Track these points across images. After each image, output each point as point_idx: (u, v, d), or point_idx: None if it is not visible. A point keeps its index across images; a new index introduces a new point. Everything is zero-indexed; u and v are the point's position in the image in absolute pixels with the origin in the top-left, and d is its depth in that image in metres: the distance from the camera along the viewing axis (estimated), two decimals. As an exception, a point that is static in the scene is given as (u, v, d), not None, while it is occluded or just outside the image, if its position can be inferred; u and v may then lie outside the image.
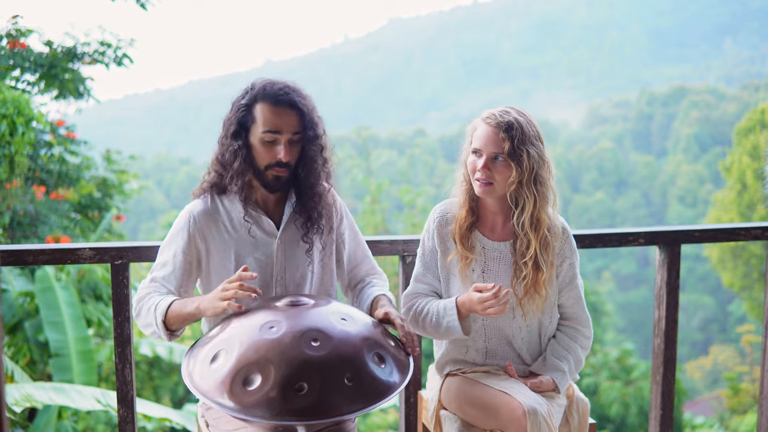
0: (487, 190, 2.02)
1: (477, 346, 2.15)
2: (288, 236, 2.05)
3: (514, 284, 2.09)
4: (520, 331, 2.12)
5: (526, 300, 2.08)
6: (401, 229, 10.89)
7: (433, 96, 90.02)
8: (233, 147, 1.97)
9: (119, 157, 7.57)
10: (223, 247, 2.02)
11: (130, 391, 2.40)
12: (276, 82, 1.99)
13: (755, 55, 67.71)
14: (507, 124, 1.99)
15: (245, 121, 1.97)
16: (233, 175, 1.98)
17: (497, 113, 2.02)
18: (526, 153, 1.98)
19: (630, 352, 12.12)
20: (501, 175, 2.01)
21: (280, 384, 1.56)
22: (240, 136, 1.97)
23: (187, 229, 2.02)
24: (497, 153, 1.99)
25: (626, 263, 35.75)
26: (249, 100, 1.97)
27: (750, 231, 2.87)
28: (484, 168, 2.00)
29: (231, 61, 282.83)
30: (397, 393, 1.67)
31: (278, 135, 1.95)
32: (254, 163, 1.98)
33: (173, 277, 2.02)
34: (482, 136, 2.02)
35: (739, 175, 19.12)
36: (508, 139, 1.98)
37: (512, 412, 1.90)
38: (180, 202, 37.61)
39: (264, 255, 2.03)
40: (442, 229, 2.15)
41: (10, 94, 4.75)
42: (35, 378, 5.30)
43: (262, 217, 2.03)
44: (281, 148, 1.95)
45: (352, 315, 1.79)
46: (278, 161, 1.95)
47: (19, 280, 5.48)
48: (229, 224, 2.02)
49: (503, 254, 2.11)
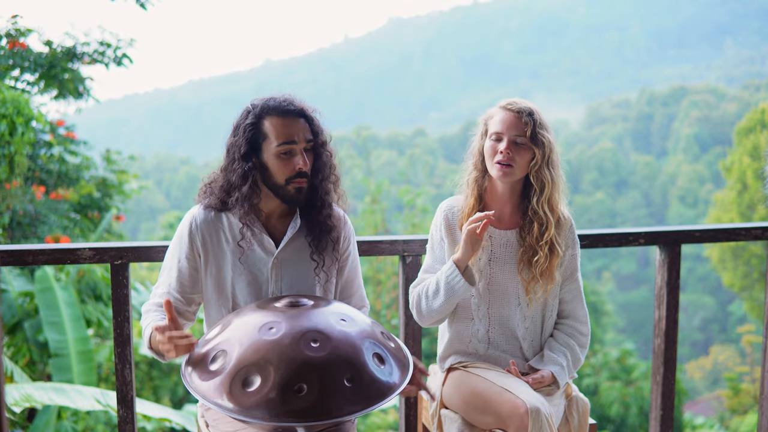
0: (507, 171, 2.07)
1: (479, 335, 2.16)
2: (286, 255, 2.03)
3: (521, 270, 2.13)
4: (525, 320, 2.16)
5: (533, 285, 2.11)
6: (401, 229, 10.89)
7: (433, 96, 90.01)
8: (243, 168, 1.92)
9: (119, 157, 7.57)
10: (222, 256, 2.01)
11: (129, 391, 2.40)
12: (275, 96, 1.97)
13: (755, 55, 67.68)
14: (528, 109, 2.08)
15: (255, 140, 1.94)
16: (240, 197, 1.94)
17: (516, 100, 2.11)
18: (546, 138, 2.08)
19: (630, 352, 12.12)
20: (521, 157, 2.07)
21: (279, 385, 1.56)
22: (250, 158, 1.93)
23: (188, 234, 2.02)
24: (519, 136, 2.06)
25: (626, 263, 35.74)
26: (255, 119, 1.94)
27: (750, 231, 2.87)
28: (506, 149, 2.06)
29: (231, 61, 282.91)
30: (396, 394, 1.67)
31: (294, 145, 1.92)
32: (272, 181, 1.94)
33: (179, 283, 2.02)
34: (503, 121, 2.09)
35: (739, 175, 19.12)
36: (530, 124, 2.06)
37: (515, 409, 1.90)
38: (180, 203, 37.62)
39: (260, 271, 2.02)
40: (450, 220, 2.19)
41: (10, 94, 4.75)
42: (35, 378, 5.30)
43: (263, 235, 2.01)
44: (299, 158, 1.93)
45: (352, 316, 1.79)
46: (298, 172, 1.93)
47: (19, 280, 5.48)
48: (230, 235, 2.01)
49: (510, 242, 2.16)
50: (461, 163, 2.24)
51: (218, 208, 2.02)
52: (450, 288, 2.06)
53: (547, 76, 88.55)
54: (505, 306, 2.14)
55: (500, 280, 2.14)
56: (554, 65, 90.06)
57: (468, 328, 2.17)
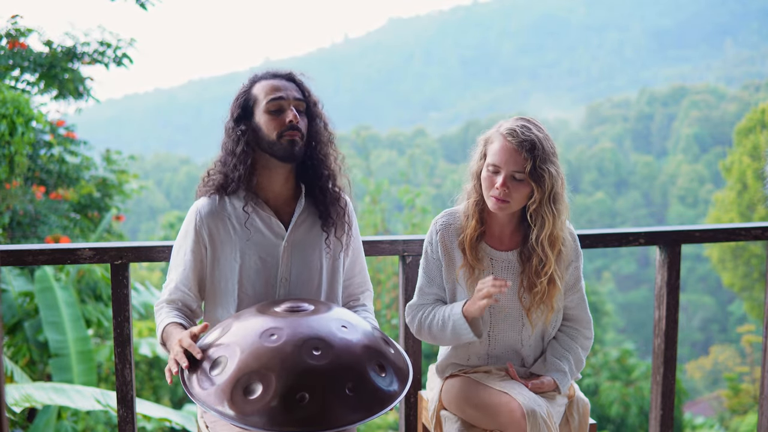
0: (502, 207, 1.98)
1: (480, 354, 2.14)
2: (296, 238, 2.03)
3: (521, 294, 2.07)
4: (529, 338, 2.12)
5: (534, 311, 2.07)
6: (401, 229, 10.88)
7: (433, 96, 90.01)
8: (237, 133, 1.97)
9: (119, 157, 7.57)
10: (230, 245, 2.00)
11: (129, 391, 2.40)
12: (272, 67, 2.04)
13: (755, 55, 67.67)
14: (530, 143, 1.93)
15: (247, 105, 1.98)
16: (237, 162, 1.96)
17: (518, 130, 1.95)
18: (547, 172, 1.94)
19: (630, 352, 12.12)
20: (518, 193, 1.96)
21: (281, 394, 1.55)
22: (242, 121, 1.98)
23: (194, 227, 2.01)
24: (518, 171, 1.94)
25: (626, 263, 35.74)
26: (248, 86, 2.01)
27: (750, 231, 2.86)
28: (502, 186, 1.94)
29: (231, 61, 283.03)
30: (397, 402, 1.67)
31: (282, 101, 1.95)
32: (266, 140, 1.96)
33: (187, 278, 2.02)
34: (501, 152, 1.96)
35: (739, 175, 19.12)
36: (530, 159, 1.92)
37: (511, 413, 1.90)
38: (180, 202, 37.60)
39: (270, 255, 2.00)
40: (446, 240, 2.11)
41: (10, 94, 4.75)
42: (35, 378, 5.30)
43: (272, 218, 2.01)
44: (288, 113, 1.95)
45: (353, 322, 1.77)
46: (289, 124, 1.94)
47: (19, 280, 5.48)
48: (237, 223, 2.00)
49: (511, 264, 2.09)
50: (461, 164, 2.20)
51: (220, 187, 2.01)
52: (456, 334, 2.03)
53: (547, 76, 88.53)
54: (508, 328, 2.11)
55: (502, 303, 2.08)
56: (554, 65, 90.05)
57: (468, 347, 2.13)
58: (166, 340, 1.92)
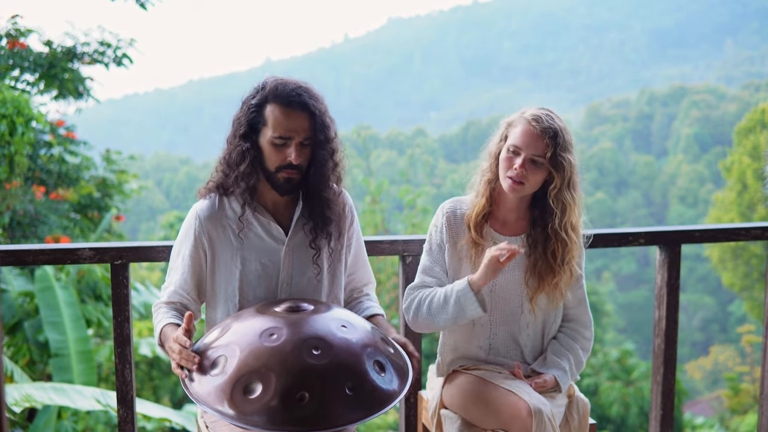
0: (517, 188, 2.03)
1: (481, 342, 2.14)
2: (296, 242, 2.02)
3: (527, 278, 2.10)
4: (527, 327, 2.13)
5: (538, 295, 2.09)
6: (401, 229, 10.87)
7: (433, 96, 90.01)
8: (241, 148, 1.93)
9: (119, 157, 7.57)
10: (229, 249, 1.99)
11: (129, 391, 2.40)
12: (288, 83, 1.93)
13: (755, 55, 67.65)
14: (553, 130, 2.00)
15: (256, 123, 1.93)
16: (238, 176, 1.94)
17: (543, 117, 2.02)
18: (566, 160, 2.01)
19: (630, 353, 12.12)
20: (535, 177, 2.02)
21: (281, 393, 1.55)
22: (249, 138, 1.94)
23: (193, 230, 2.00)
24: (538, 156, 2.00)
25: (626, 263, 35.73)
26: (260, 100, 1.93)
27: (750, 231, 2.87)
28: (521, 167, 2.00)
29: (231, 61, 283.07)
30: (396, 402, 1.67)
31: (289, 140, 1.91)
32: (264, 165, 1.94)
33: (185, 282, 2.01)
34: (524, 135, 2.01)
35: (739, 175, 19.13)
36: (551, 146, 1.99)
37: (517, 411, 1.90)
38: (180, 202, 37.59)
39: (270, 260, 1.99)
40: (453, 224, 2.14)
41: (10, 94, 4.75)
42: (35, 378, 5.30)
43: (271, 222, 2.00)
44: (292, 150, 1.90)
45: (352, 322, 1.78)
46: (289, 163, 1.91)
47: (19, 280, 5.48)
48: (237, 226, 1.99)
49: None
50: (461, 163, 2.21)
51: (220, 187, 2.00)
52: (460, 308, 2.00)
53: (547, 76, 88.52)
54: (508, 313, 2.12)
55: (504, 287, 2.11)
56: (554, 65, 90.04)
57: (469, 333, 2.14)
58: (164, 341, 1.92)
